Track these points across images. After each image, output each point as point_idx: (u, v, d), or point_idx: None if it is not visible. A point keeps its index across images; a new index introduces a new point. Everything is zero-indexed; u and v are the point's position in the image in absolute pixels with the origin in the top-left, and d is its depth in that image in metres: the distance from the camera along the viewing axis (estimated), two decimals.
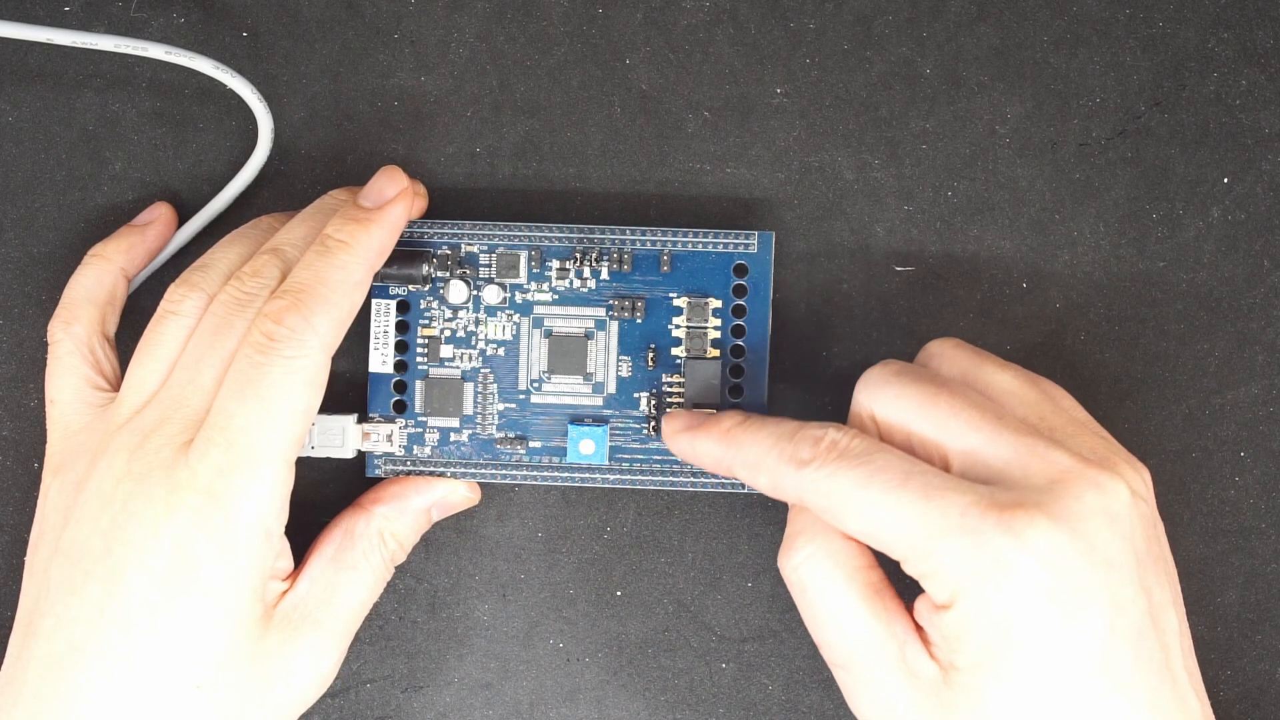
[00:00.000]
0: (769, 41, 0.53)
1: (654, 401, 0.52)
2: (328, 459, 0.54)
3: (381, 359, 0.52)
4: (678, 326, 0.52)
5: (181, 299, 0.49)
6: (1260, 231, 0.53)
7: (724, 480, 0.51)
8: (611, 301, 0.52)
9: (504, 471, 0.52)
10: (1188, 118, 0.53)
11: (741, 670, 0.54)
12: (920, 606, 0.44)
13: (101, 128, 0.54)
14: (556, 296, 0.52)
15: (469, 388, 0.52)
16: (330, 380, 0.48)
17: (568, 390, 0.52)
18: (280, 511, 0.47)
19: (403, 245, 0.52)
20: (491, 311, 0.52)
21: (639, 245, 0.52)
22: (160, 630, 0.46)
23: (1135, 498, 0.44)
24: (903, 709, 0.45)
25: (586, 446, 0.51)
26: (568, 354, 0.52)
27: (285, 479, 0.47)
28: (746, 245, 0.51)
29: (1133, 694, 0.42)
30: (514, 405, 0.52)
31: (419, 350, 0.52)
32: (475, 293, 0.52)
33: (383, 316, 0.52)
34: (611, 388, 0.52)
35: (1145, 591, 0.43)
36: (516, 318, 0.52)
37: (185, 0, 0.54)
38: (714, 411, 0.51)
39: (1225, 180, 0.53)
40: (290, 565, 0.49)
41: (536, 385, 0.52)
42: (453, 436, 0.52)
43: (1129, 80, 0.53)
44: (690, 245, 0.52)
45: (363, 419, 0.53)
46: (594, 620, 0.54)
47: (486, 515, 0.54)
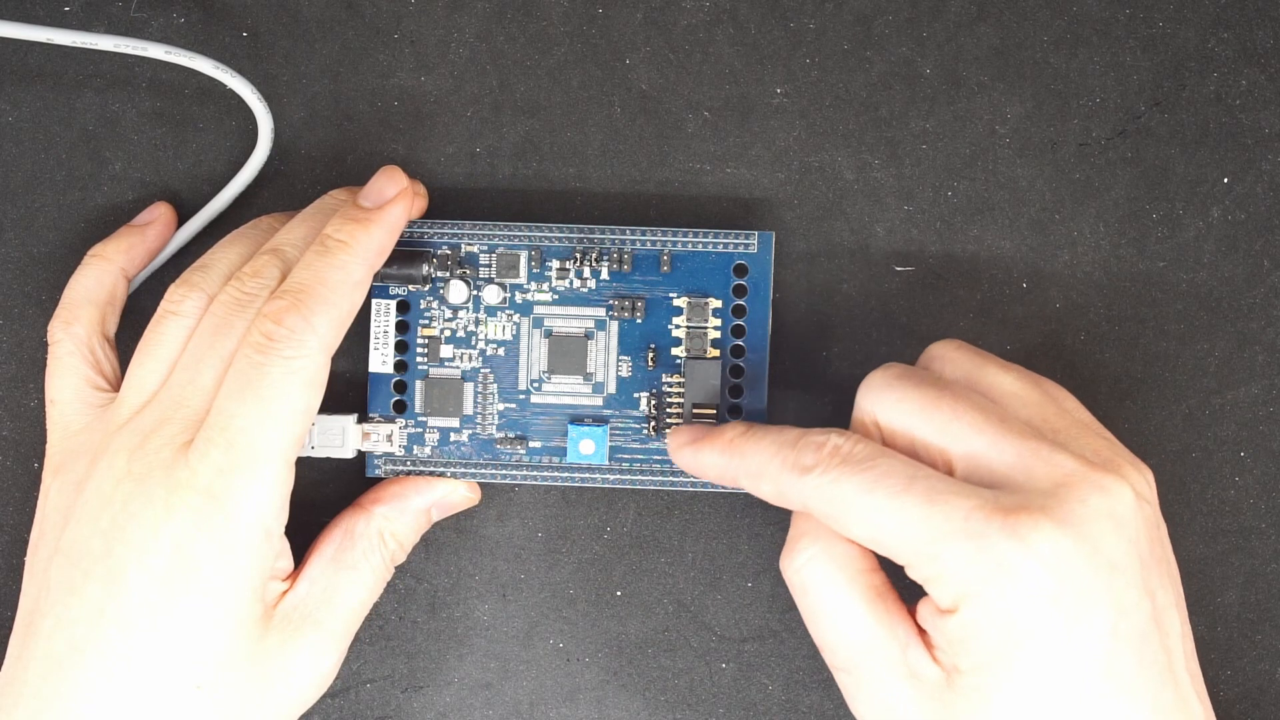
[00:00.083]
0: (769, 41, 0.53)
1: (654, 402, 0.52)
2: (328, 459, 0.54)
3: (381, 359, 0.52)
4: (678, 326, 0.52)
5: (181, 299, 0.49)
6: (1260, 231, 0.53)
7: None
8: (611, 301, 0.52)
9: (504, 471, 0.52)
10: (1188, 118, 0.53)
11: (741, 670, 0.54)
12: (923, 610, 0.44)
13: (101, 128, 0.54)
14: (556, 296, 0.52)
15: (469, 388, 0.52)
16: (330, 380, 0.48)
17: (568, 390, 0.52)
18: (280, 511, 0.47)
19: (403, 245, 0.52)
20: (491, 311, 0.52)
21: (639, 245, 0.52)
22: (160, 630, 0.46)
23: (1139, 500, 0.43)
24: (904, 712, 0.45)
25: (586, 446, 0.51)
26: (568, 354, 0.52)
27: (285, 479, 0.47)
28: (746, 245, 0.51)
29: (1136, 697, 0.43)
30: (514, 405, 0.52)
31: (419, 350, 0.52)
32: (475, 293, 0.52)
33: (383, 316, 0.52)
34: (611, 388, 0.52)
35: (1149, 594, 0.43)
36: (516, 318, 0.52)
37: (185, 0, 0.54)
38: (716, 423, 0.51)
39: (1225, 180, 0.53)
40: (290, 565, 0.49)
41: (536, 385, 0.52)
42: (453, 436, 0.52)
43: (1129, 80, 0.53)
44: (690, 245, 0.51)
45: (363, 419, 0.52)
46: (594, 620, 0.54)
47: (486, 515, 0.54)
